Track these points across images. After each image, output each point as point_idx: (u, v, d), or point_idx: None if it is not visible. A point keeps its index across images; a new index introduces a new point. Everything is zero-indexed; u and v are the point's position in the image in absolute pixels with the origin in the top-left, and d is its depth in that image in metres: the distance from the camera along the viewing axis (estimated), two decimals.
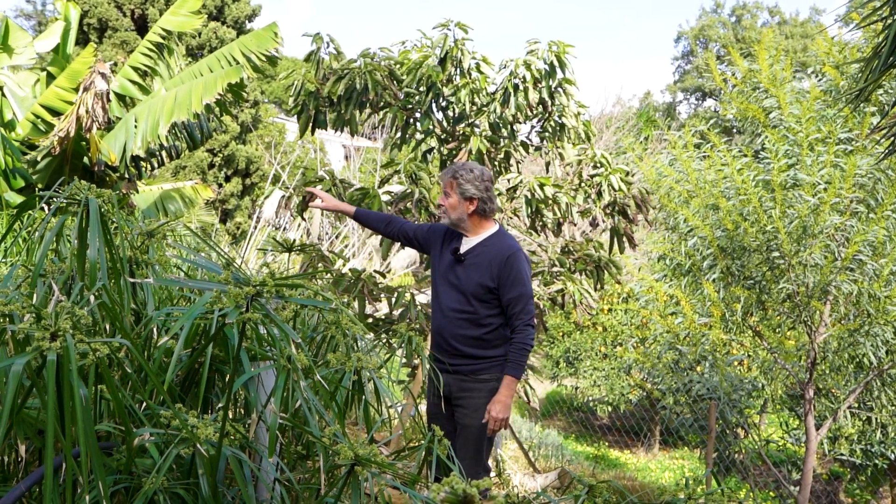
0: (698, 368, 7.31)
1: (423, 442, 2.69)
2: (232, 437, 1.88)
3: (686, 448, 13.05)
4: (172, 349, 2.14)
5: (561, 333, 15.58)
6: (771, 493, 9.31)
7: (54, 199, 2.32)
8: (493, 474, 4.33)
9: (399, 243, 4.39)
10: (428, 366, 3.30)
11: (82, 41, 17.38)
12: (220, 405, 1.93)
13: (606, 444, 13.92)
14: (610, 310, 14.45)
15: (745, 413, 7.03)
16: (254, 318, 1.51)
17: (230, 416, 2.41)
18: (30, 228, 4.15)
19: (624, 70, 69.46)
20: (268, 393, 2.14)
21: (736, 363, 8.99)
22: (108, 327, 2.00)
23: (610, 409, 14.00)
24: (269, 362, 2.19)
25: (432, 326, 3.86)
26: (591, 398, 14.23)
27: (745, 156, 6.82)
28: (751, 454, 7.55)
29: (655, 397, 9.49)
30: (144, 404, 1.98)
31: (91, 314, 2.06)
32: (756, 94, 7.39)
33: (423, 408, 4.23)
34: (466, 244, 3.79)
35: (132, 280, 1.97)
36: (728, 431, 7.38)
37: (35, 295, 2.12)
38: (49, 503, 1.44)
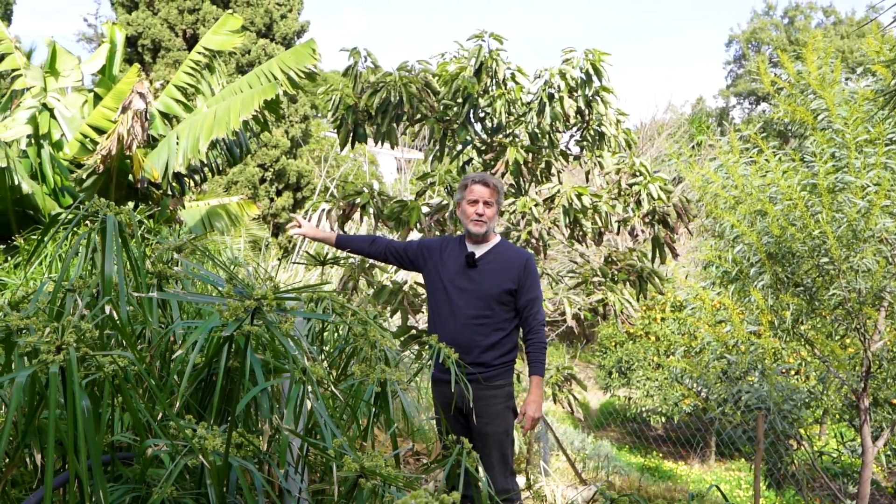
0: (749, 378, 7.16)
1: (446, 453, 2.68)
2: (246, 449, 1.90)
3: (743, 459, 12.76)
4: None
5: (613, 343, 15.42)
6: None
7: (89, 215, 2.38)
8: (521, 483, 4.29)
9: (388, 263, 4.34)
10: (453, 376, 3.27)
11: (137, 61, 17.85)
12: (231, 418, 1.95)
13: (661, 455, 13.68)
14: (662, 319, 14.26)
15: (797, 424, 6.84)
16: (253, 330, 1.53)
17: (254, 428, 2.43)
18: (52, 244, 4.28)
19: (676, 76, 68.65)
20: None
21: (793, 372, 8.77)
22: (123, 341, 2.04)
23: (664, 419, 13.80)
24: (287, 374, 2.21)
25: (444, 336, 3.65)
26: (644, 408, 14.04)
27: (793, 160, 6.67)
28: (802, 467, 7.35)
29: (704, 407, 9.31)
30: (162, 416, 2.01)
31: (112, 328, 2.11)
32: (804, 96, 7.23)
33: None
34: (478, 251, 3.87)
35: (136, 294, 2.00)
36: (778, 443, 7.20)
37: (61, 309, 2.18)
38: None
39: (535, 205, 5.54)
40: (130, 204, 7.03)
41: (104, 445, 1.89)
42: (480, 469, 2.59)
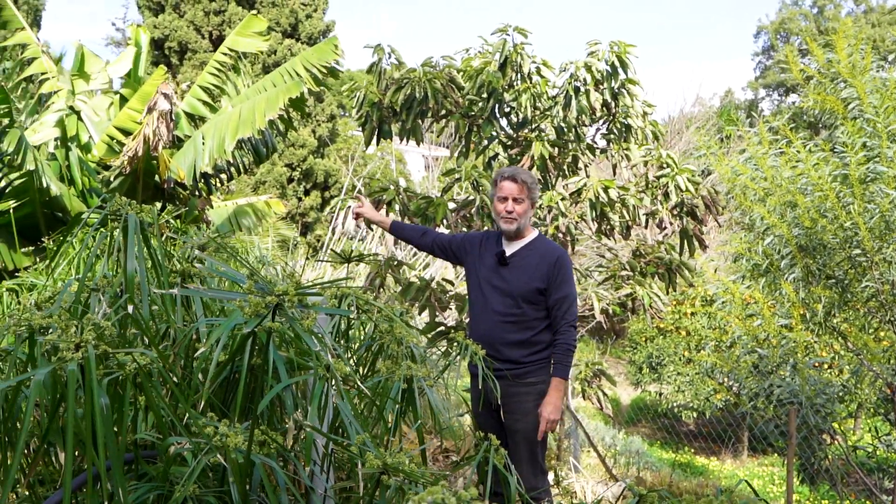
0: (780, 372, 7.05)
1: (476, 450, 2.66)
2: (269, 447, 1.89)
3: (776, 454, 12.60)
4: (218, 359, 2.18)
5: (644, 338, 15.33)
6: (868, 503, 8.89)
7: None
8: (550, 479, 4.26)
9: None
10: (481, 373, 3.26)
11: (164, 63, 17.99)
12: (253, 415, 1.94)
13: (692, 450, 13.56)
14: (692, 313, 14.13)
15: (830, 418, 6.73)
16: (275, 327, 1.51)
17: (279, 426, 2.43)
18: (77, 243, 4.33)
19: (706, 70, 68.04)
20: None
21: (825, 366, 8.63)
22: (146, 339, 2.04)
23: (695, 414, 13.68)
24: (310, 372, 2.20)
25: (476, 332, 3.78)
26: (675, 404, 13.93)
27: (824, 150, 6.55)
28: (836, 461, 7.23)
29: (735, 402, 9.19)
30: (187, 413, 2.01)
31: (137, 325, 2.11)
32: (834, 85, 7.09)
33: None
34: (511, 248, 3.82)
35: (158, 291, 2.00)
36: (811, 437, 7.09)
37: (85, 308, 2.19)
38: None
39: (562, 199, 5.49)
40: (158, 204, 7.09)
41: (128, 444, 1.89)
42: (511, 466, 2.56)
